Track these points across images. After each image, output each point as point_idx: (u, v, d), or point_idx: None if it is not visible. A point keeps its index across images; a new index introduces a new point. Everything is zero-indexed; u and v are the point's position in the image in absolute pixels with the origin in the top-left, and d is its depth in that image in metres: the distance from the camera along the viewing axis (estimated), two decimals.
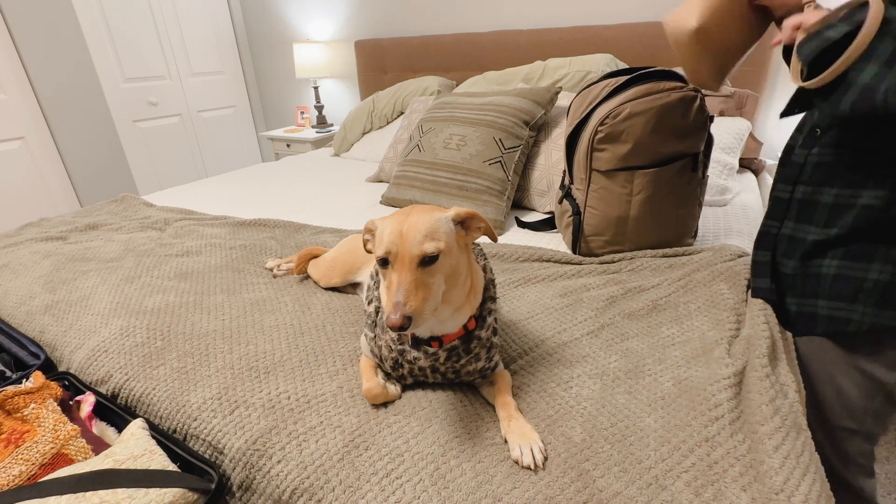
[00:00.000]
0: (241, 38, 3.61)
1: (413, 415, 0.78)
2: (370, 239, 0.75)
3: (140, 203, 1.94)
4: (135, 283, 1.25)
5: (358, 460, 0.71)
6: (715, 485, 0.64)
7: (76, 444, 0.81)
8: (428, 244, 0.65)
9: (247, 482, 0.76)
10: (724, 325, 0.95)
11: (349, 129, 2.65)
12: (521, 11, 2.53)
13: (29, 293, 1.24)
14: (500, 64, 2.55)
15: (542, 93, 1.73)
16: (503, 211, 1.58)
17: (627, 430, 0.73)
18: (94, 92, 2.79)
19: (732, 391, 0.78)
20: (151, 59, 3.09)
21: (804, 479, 0.63)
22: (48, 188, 2.71)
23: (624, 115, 1.16)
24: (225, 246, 1.46)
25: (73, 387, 0.96)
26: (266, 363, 0.92)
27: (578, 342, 0.94)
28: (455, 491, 0.65)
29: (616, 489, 0.64)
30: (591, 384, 0.82)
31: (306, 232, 1.57)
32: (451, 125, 1.75)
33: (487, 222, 0.73)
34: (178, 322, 1.06)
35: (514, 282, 1.18)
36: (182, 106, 3.32)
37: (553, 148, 1.68)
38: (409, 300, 0.63)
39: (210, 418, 0.82)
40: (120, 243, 1.52)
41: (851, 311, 0.84)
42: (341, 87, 3.39)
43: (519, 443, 0.69)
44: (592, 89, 1.28)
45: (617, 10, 2.30)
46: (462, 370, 0.80)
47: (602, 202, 1.25)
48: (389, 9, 2.93)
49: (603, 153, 1.22)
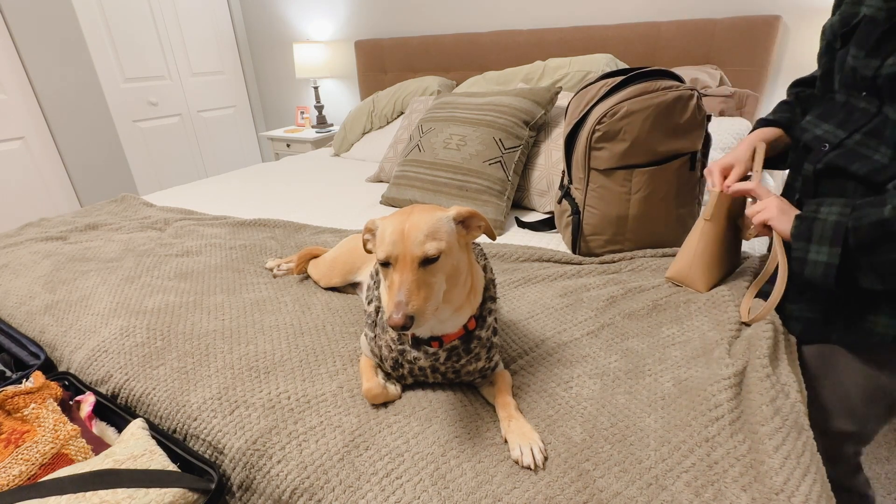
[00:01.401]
0: (241, 38, 3.61)
1: (413, 415, 0.78)
2: (370, 239, 0.75)
3: (140, 203, 1.94)
4: (135, 283, 1.25)
5: (358, 460, 0.71)
6: (715, 485, 0.64)
7: (76, 444, 0.81)
8: (430, 244, 0.65)
9: (247, 482, 0.76)
10: (725, 325, 0.95)
11: (349, 129, 2.65)
12: (521, 11, 2.53)
13: (29, 293, 1.24)
14: (500, 64, 2.55)
15: (542, 93, 1.73)
16: (503, 211, 1.58)
17: (627, 430, 0.73)
18: (94, 92, 2.79)
19: (733, 391, 0.78)
20: (151, 59, 3.09)
21: (804, 480, 0.63)
22: (48, 188, 2.71)
23: (621, 114, 1.16)
24: (225, 246, 1.46)
25: (73, 387, 0.96)
26: (266, 363, 0.92)
27: (578, 342, 0.94)
28: (455, 491, 0.65)
29: (616, 489, 0.64)
30: (591, 384, 0.82)
31: (306, 232, 1.57)
32: (451, 125, 1.75)
33: (486, 220, 0.73)
34: (178, 322, 1.06)
35: (514, 282, 1.18)
36: (182, 106, 3.32)
37: (553, 148, 1.68)
38: (411, 300, 0.63)
39: (210, 418, 0.82)
40: (120, 243, 1.52)
41: (875, 323, 0.83)
42: (341, 87, 3.39)
43: (519, 443, 0.69)
44: (590, 89, 1.28)
45: (617, 10, 2.30)
46: (462, 370, 0.80)
47: (601, 201, 1.25)
48: (389, 9, 2.93)
49: (601, 152, 1.22)
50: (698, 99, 1.17)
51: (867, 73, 0.79)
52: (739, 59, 2.05)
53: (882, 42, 0.77)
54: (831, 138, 0.86)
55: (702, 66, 2.08)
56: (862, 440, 0.94)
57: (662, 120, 1.15)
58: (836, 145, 0.84)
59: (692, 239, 1.06)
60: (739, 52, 2.03)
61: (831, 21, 0.89)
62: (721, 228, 1.04)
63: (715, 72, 2.03)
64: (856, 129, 0.82)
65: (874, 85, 0.78)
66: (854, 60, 0.81)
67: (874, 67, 0.78)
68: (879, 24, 0.77)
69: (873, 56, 0.78)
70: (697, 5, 2.13)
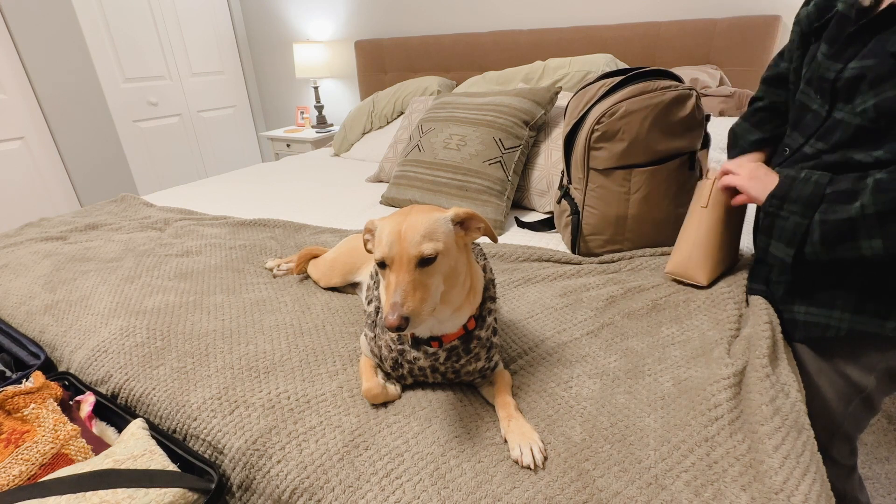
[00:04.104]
0: (241, 38, 3.61)
1: (413, 415, 0.78)
2: (370, 239, 0.75)
3: (140, 203, 1.95)
4: (135, 283, 1.25)
5: (358, 460, 0.71)
6: (714, 484, 0.64)
7: (76, 444, 0.81)
8: (426, 245, 0.65)
9: (247, 482, 0.76)
10: (724, 324, 0.95)
11: (349, 129, 2.65)
12: (521, 11, 2.53)
13: (29, 293, 1.24)
14: (500, 64, 2.55)
15: (541, 93, 1.73)
16: (503, 211, 1.58)
17: (627, 430, 0.73)
18: (94, 92, 2.79)
19: (732, 391, 0.78)
20: (151, 59, 3.10)
21: (804, 479, 0.63)
22: (48, 188, 2.71)
23: (620, 114, 1.16)
24: (225, 246, 1.46)
25: (73, 387, 0.96)
26: (266, 363, 0.92)
27: (578, 342, 0.94)
28: (455, 491, 0.65)
29: (616, 489, 0.64)
30: (591, 384, 0.82)
31: (306, 232, 1.57)
32: (451, 125, 1.75)
33: (487, 223, 0.73)
34: (178, 322, 1.06)
35: (513, 282, 1.18)
36: (182, 106, 3.32)
37: (553, 148, 1.68)
38: (407, 301, 0.63)
39: (210, 418, 0.82)
40: (120, 243, 1.52)
41: (829, 318, 0.84)
42: (341, 87, 3.39)
43: (519, 443, 0.69)
44: (589, 89, 1.28)
45: (617, 10, 2.30)
46: (462, 370, 0.80)
47: (600, 201, 1.25)
48: (389, 9, 2.93)
49: (600, 152, 1.22)
50: (697, 99, 1.17)
51: (828, 75, 0.77)
52: (739, 59, 2.05)
53: (848, 44, 0.75)
54: (792, 143, 0.86)
55: (702, 66, 2.08)
56: (845, 440, 0.94)
57: (661, 119, 1.16)
58: (795, 150, 0.84)
59: (689, 228, 1.05)
60: (739, 52, 2.03)
61: (807, 10, 0.86)
62: (719, 215, 1.02)
63: (715, 72, 2.03)
64: (811, 135, 0.82)
65: (833, 88, 0.77)
66: (822, 58, 0.80)
67: (836, 70, 0.76)
68: (850, 22, 0.76)
69: (836, 58, 0.76)
70: (697, 5, 2.13)
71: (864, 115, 0.72)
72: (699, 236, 1.03)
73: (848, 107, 0.75)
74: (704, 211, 1.02)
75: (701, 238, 1.03)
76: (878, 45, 0.71)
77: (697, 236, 1.04)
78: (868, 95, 0.72)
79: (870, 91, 0.71)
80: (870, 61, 0.71)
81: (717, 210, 1.02)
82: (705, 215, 1.02)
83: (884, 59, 0.69)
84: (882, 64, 0.70)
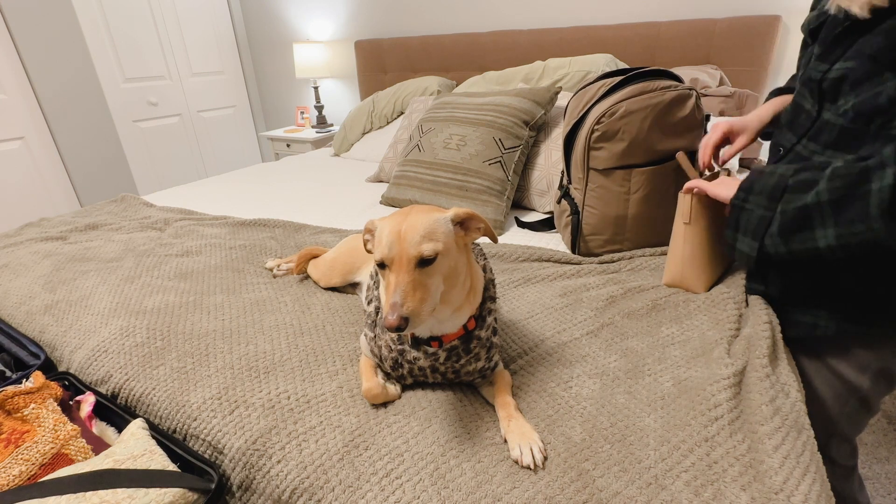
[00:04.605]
0: (241, 38, 3.61)
1: (413, 415, 0.78)
2: (370, 239, 0.75)
3: (140, 203, 1.95)
4: (135, 283, 1.25)
5: (358, 460, 0.71)
6: (714, 484, 0.64)
7: (76, 444, 0.81)
8: (426, 245, 0.65)
9: (247, 482, 0.76)
10: (724, 324, 0.95)
11: (349, 130, 2.65)
12: (521, 11, 2.53)
13: (29, 293, 1.24)
14: (500, 64, 2.55)
15: (541, 93, 1.73)
16: (503, 211, 1.58)
17: (627, 430, 0.73)
18: (94, 92, 2.79)
19: (732, 391, 0.78)
20: (151, 59, 3.10)
21: (804, 479, 0.63)
22: (48, 188, 2.71)
23: (620, 114, 1.16)
24: (225, 246, 1.46)
25: (73, 387, 0.96)
26: (266, 363, 0.92)
27: (578, 342, 0.94)
28: (455, 491, 0.65)
29: (616, 489, 0.64)
30: (591, 384, 0.82)
31: (306, 232, 1.57)
32: (451, 125, 1.75)
33: (487, 223, 0.73)
34: (178, 322, 1.06)
35: (513, 282, 1.18)
36: (182, 106, 3.32)
37: (553, 148, 1.68)
38: (407, 301, 0.63)
39: (210, 418, 0.82)
40: (120, 243, 1.52)
41: (818, 317, 0.84)
42: (341, 87, 3.39)
43: (519, 442, 0.69)
44: (589, 89, 1.29)
45: (617, 10, 2.30)
46: (462, 370, 0.80)
47: (600, 201, 1.25)
48: (389, 9, 2.93)
49: (600, 151, 1.22)
50: (697, 98, 1.18)
51: (815, 75, 0.78)
52: (739, 59, 2.05)
53: (835, 46, 0.76)
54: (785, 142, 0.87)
55: (702, 66, 2.08)
56: (844, 440, 0.94)
57: (661, 119, 1.16)
58: (788, 150, 0.85)
59: (676, 244, 1.05)
60: (739, 53, 2.03)
61: (809, 15, 0.87)
62: (703, 228, 1.02)
63: (715, 72, 2.03)
64: (803, 135, 0.82)
65: (819, 88, 0.78)
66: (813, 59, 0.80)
67: (822, 71, 0.77)
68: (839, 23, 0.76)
69: (824, 59, 0.77)
70: (697, 5, 2.13)
71: (846, 116, 0.73)
72: (686, 253, 1.04)
73: (833, 107, 0.76)
74: (688, 227, 1.02)
75: (688, 254, 1.04)
76: (860, 46, 0.72)
77: (685, 253, 1.04)
78: (850, 97, 0.72)
79: (851, 92, 0.72)
80: (851, 63, 0.72)
81: (699, 223, 1.02)
82: (689, 231, 1.02)
83: (863, 60, 0.70)
84: (862, 66, 0.70)
